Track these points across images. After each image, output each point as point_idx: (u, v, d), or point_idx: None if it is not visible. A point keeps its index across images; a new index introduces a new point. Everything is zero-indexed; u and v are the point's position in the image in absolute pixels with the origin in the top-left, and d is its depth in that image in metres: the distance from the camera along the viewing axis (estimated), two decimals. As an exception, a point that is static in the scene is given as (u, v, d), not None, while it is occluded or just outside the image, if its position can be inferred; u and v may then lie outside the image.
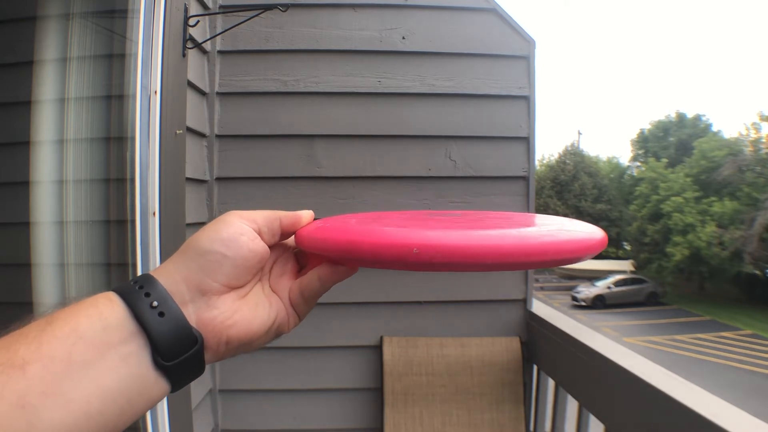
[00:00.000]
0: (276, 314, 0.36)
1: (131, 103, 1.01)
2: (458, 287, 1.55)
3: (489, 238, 0.31)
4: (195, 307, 0.32)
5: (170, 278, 0.32)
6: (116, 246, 1.09)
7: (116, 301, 0.30)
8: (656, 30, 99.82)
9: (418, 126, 1.53)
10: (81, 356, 0.27)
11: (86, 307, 0.29)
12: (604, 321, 15.22)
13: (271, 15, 1.44)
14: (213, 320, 0.32)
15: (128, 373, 0.28)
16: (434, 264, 0.31)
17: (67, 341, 0.27)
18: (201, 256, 0.32)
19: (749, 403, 8.00)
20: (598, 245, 0.34)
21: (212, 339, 0.32)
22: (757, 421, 0.74)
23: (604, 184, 26.58)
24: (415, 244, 0.30)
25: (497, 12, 1.53)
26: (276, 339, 0.37)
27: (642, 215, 22.34)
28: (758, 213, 17.91)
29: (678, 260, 19.56)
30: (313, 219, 0.38)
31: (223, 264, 0.32)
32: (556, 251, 0.32)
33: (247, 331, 0.33)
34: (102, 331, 0.28)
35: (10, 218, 1.09)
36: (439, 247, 0.30)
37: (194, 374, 0.32)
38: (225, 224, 0.34)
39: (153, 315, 0.29)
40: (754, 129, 21.07)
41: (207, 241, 0.33)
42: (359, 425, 1.54)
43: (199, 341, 0.31)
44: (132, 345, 0.29)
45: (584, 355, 1.16)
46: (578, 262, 0.34)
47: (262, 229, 0.35)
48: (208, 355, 0.32)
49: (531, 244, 0.31)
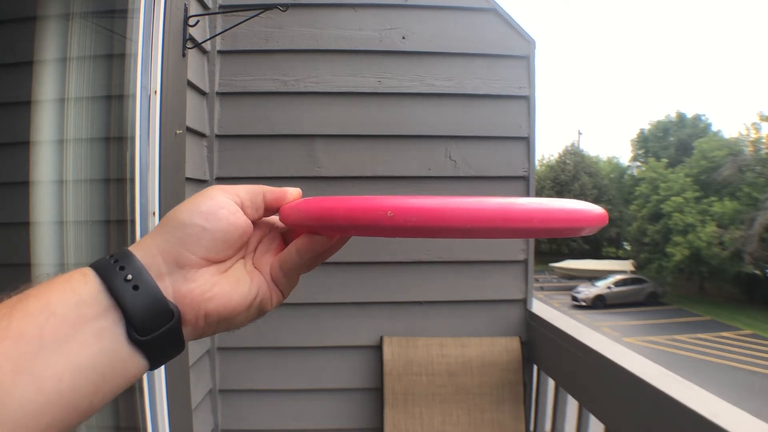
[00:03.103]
0: (257, 290, 0.35)
1: (131, 103, 1.01)
2: (458, 287, 1.55)
3: (469, 203, 0.30)
4: (172, 280, 0.31)
5: (147, 252, 0.31)
6: (116, 246, 1.09)
7: (90, 276, 0.29)
8: (656, 30, 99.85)
9: (418, 126, 1.53)
10: (53, 332, 0.26)
11: (60, 283, 0.28)
12: (604, 321, 15.22)
13: (271, 15, 1.44)
14: (190, 293, 0.31)
15: (101, 349, 0.28)
16: (410, 228, 0.30)
17: (39, 318, 0.26)
18: (179, 228, 0.32)
19: (749, 403, 8.00)
20: (592, 218, 0.32)
21: (190, 313, 0.31)
22: (757, 421, 0.74)
23: (604, 184, 26.62)
24: (389, 207, 0.30)
25: (497, 12, 1.53)
26: (260, 317, 0.36)
27: (642, 215, 22.35)
28: (758, 213, 17.91)
29: (678, 260, 19.56)
30: (301, 197, 0.37)
31: (201, 237, 0.32)
32: (543, 218, 0.30)
33: (226, 306, 0.33)
34: (75, 306, 0.28)
35: (10, 218, 1.09)
36: (415, 210, 0.30)
37: (173, 350, 0.31)
38: (205, 197, 0.33)
39: (127, 288, 0.29)
40: (754, 129, 21.09)
41: (186, 213, 0.32)
42: (359, 425, 1.54)
43: (175, 315, 0.30)
44: (106, 320, 0.28)
45: (584, 355, 1.15)
46: (571, 235, 0.32)
47: (245, 203, 0.35)
48: (186, 330, 0.32)
49: (515, 209, 0.30)
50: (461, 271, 1.55)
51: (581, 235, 0.33)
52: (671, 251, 19.83)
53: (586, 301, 17.11)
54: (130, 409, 1.03)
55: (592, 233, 0.33)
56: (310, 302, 1.52)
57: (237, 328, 0.35)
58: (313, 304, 1.53)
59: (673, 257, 19.72)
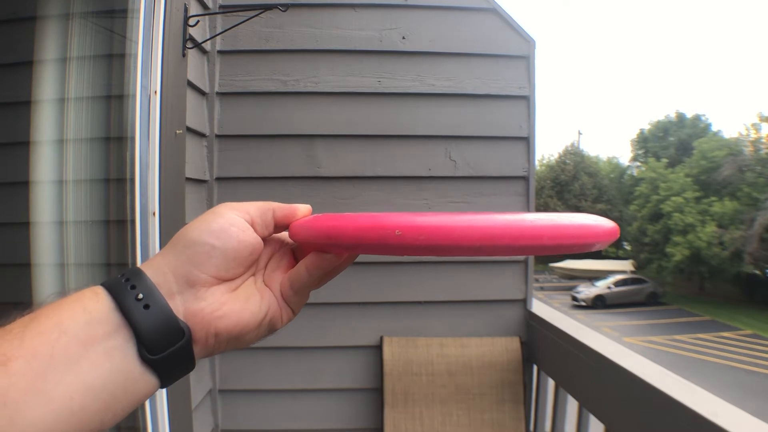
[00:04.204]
0: (267, 308, 0.35)
1: (131, 103, 1.00)
2: (458, 287, 1.55)
3: (477, 220, 0.29)
4: (183, 299, 0.31)
5: (158, 270, 0.31)
6: (116, 246, 1.09)
7: (102, 295, 0.29)
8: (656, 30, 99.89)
9: (418, 126, 1.53)
10: (64, 351, 0.26)
11: (71, 302, 0.29)
12: (604, 321, 15.22)
13: (271, 15, 1.44)
14: (201, 311, 0.31)
15: (112, 368, 0.28)
16: (418, 247, 0.30)
17: (50, 337, 0.26)
18: (189, 247, 0.32)
19: (749, 403, 8.00)
20: (603, 234, 0.31)
21: (200, 331, 0.31)
22: (757, 421, 0.74)
23: (604, 184, 26.60)
24: (397, 226, 0.30)
25: (497, 12, 1.53)
26: (270, 334, 0.36)
27: (642, 215, 22.35)
28: (758, 213, 17.91)
29: (678, 260, 19.56)
30: (311, 213, 0.37)
31: (212, 255, 0.32)
32: (552, 236, 0.29)
33: (236, 324, 0.33)
34: (86, 325, 0.28)
35: (10, 218, 1.09)
36: (423, 228, 0.29)
37: (184, 369, 0.31)
38: (216, 216, 0.33)
39: (138, 307, 0.29)
40: (754, 129, 21.09)
41: (196, 232, 0.32)
42: (359, 425, 1.54)
43: (186, 334, 0.30)
44: (117, 339, 0.28)
45: (584, 355, 1.16)
46: (582, 251, 0.31)
47: (255, 221, 0.34)
48: (197, 348, 0.32)
49: (523, 226, 0.29)
50: (461, 271, 1.55)
51: (592, 250, 0.33)
52: (671, 251, 19.84)
53: (586, 301, 17.11)
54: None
55: (604, 248, 0.32)
56: (310, 302, 1.50)
57: (247, 345, 0.35)
58: (314, 304, 1.53)
59: (673, 257, 19.72)
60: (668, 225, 20.34)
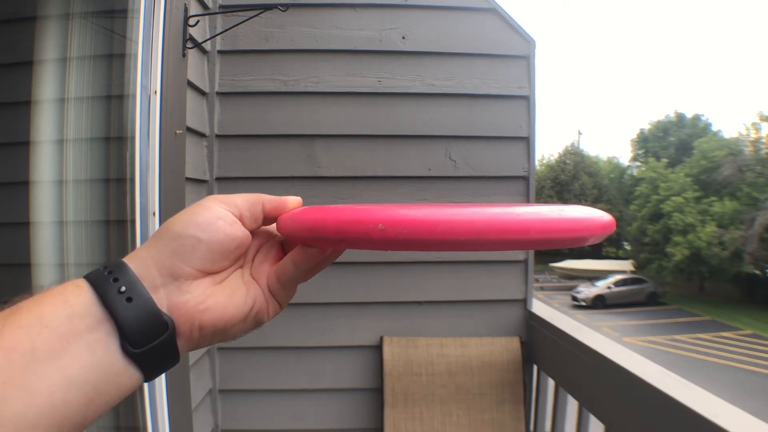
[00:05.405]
0: (253, 301, 0.34)
1: (131, 103, 1.00)
2: (458, 287, 1.55)
3: (462, 213, 0.28)
4: (166, 291, 0.31)
5: (141, 263, 0.31)
6: (116, 246, 1.09)
7: (84, 288, 0.29)
8: (656, 30, 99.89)
9: (418, 126, 1.53)
10: (45, 345, 0.26)
11: (53, 295, 0.28)
12: (604, 321, 15.22)
13: (271, 15, 1.44)
14: (185, 304, 0.31)
15: (94, 361, 0.27)
16: (402, 241, 0.28)
17: (31, 330, 0.26)
18: (174, 240, 0.31)
19: (749, 403, 8.00)
20: (596, 227, 0.30)
21: (184, 324, 0.31)
22: (757, 421, 0.74)
23: (604, 184, 26.62)
24: (380, 219, 0.29)
25: (497, 12, 1.53)
26: (256, 328, 0.35)
27: (642, 215, 22.35)
28: (758, 213, 17.90)
29: (678, 260, 19.55)
30: (301, 206, 0.36)
31: (197, 248, 0.31)
32: (541, 229, 0.28)
33: (221, 317, 0.32)
34: (67, 318, 0.27)
35: (10, 218, 1.09)
36: (407, 222, 0.28)
37: (168, 362, 0.31)
38: (202, 208, 0.33)
39: (120, 300, 0.28)
40: (754, 129, 21.08)
41: (181, 224, 0.32)
42: (359, 425, 1.54)
43: (169, 327, 0.30)
44: (99, 332, 0.28)
45: (584, 355, 1.16)
46: (575, 245, 0.30)
47: (244, 214, 0.34)
48: (181, 341, 0.31)
49: (510, 219, 0.28)
50: (461, 271, 1.55)
51: (587, 244, 0.31)
52: (671, 251, 19.83)
53: (586, 301, 17.10)
54: (130, 409, 1.03)
55: (599, 241, 0.31)
56: (310, 302, 1.52)
57: (233, 339, 0.34)
58: (313, 304, 1.53)
59: (673, 257, 19.71)
60: (668, 225, 20.34)
